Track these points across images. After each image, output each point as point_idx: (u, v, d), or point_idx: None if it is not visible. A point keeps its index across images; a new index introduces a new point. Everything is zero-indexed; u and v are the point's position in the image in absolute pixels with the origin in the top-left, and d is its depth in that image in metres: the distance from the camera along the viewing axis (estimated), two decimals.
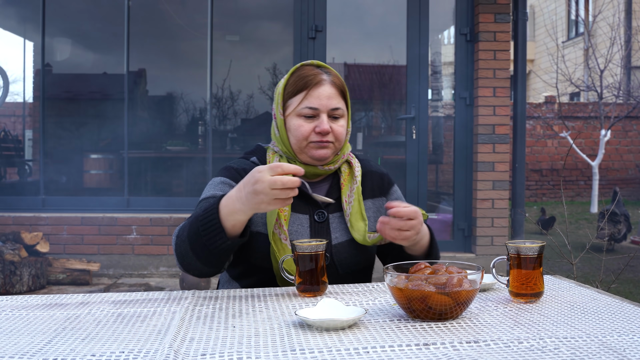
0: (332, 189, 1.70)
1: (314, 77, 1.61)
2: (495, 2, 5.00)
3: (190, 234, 1.41)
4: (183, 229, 1.46)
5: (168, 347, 1.02)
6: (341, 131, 1.63)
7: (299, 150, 1.63)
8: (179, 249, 1.45)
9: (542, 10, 17.54)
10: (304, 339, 1.07)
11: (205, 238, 1.38)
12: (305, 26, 5.13)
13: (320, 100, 1.60)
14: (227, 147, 6.25)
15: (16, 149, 6.77)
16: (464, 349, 1.01)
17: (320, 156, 1.62)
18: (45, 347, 1.04)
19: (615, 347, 1.01)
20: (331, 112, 1.61)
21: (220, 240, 1.38)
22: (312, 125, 1.60)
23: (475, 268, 1.25)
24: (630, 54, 12.48)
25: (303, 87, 1.60)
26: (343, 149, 1.69)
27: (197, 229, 1.39)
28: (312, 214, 1.65)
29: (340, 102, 1.63)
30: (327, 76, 1.63)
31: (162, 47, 6.79)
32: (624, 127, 12.02)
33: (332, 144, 1.62)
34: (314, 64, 1.66)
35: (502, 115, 5.02)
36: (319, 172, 1.67)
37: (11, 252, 4.35)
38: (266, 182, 1.30)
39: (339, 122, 1.63)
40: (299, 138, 1.61)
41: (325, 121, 1.60)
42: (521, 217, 5.13)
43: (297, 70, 1.64)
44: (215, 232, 1.38)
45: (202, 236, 1.38)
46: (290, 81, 1.63)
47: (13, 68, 8.50)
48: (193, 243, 1.40)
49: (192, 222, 1.42)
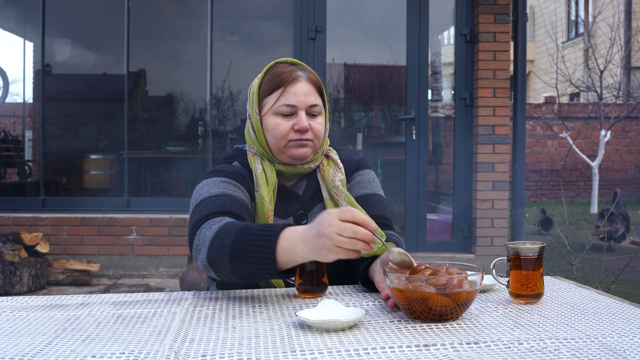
0: (309, 184, 1.66)
1: (289, 73, 1.57)
2: (495, 3, 5.00)
3: (235, 248, 1.28)
4: (227, 234, 1.32)
5: (168, 348, 1.02)
6: (320, 129, 1.59)
7: (278, 151, 1.59)
8: (215, 252, 1.32)
9: (542, 10, 17.54)
10: (304, 340, 1.07)
11: (251, 265, 1.27)
12: (305, 27, 5.13)
13: (297, 97, 1.56)
14: (227, 148, 6.25)
15: (16, 150, 6.77)
16: (464, 350, 1.01)
17: (300, 155, 1.57)
18: (46, 348, 1.04)
19: (615, 348, 1.01)
20: (309, 109, 1.57)
21: (268, 274, 1.29)
22: (291, 123, 1.56)
23: (475, 269, 1.24)
24: (630, 54, 12.49)
25: (279, 84, 1.56)
26: (322, 146, 1.65)
27: (244, 247, 1.27)
28: (295, 216, 1.62)
29: (317, 98, 1.59)
30: (302, 73, 1.59)
31: (162, 48, 6.79)
32: (624, 127, 12.02)
33: (311, 141, 1.58)
34: (288, 62, 1.62)
35: (502, 116, 5.02)
36: (298, 172, 1.63)
37: (11, 252, 4.35)
38: (334, 227, 1.16)
39: (317, 119, 1.59)
40: (278, 137, 1.56)
41: (304, 118, 1.56)
42: (521, 218, 5.13)
43: (271, 68, 1.60)
44: (265, 264, 1.26)
45: (249, 260, 1.27)
46: (265, 79, 1.59)
47: (13, 68, 8.50)
48: (234, 259, 1.29)
49: (242, 236, 1.29)
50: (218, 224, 1.37)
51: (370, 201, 1.66)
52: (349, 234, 1.16)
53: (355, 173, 1.71)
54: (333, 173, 1.65)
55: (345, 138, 6.36)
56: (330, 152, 1.69)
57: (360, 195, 1.67)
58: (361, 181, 1.70)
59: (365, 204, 1.65)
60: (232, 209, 1.46)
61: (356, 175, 1.71)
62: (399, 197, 5.44)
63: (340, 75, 6.40)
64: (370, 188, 1.69)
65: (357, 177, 1.71)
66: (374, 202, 1.67)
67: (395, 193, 5.56)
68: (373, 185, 1.70)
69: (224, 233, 1.32)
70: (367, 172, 1.72)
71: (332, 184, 1.62)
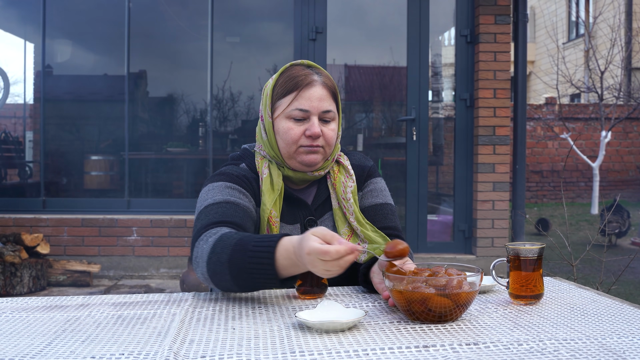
0: (320, 191, 1.65)
1: (304, 77, 1.54)
2: (495, 4, 5.00)
3: (235, 265, 1.29)
4: (223, 248, 1.31)
5: (168, 349, 1.02)
6: (332, 135, 1.56)
7: (288, 156, 1.56)
8: (215, 267, 1.32)
9: (543, 11, 17.54)
10: (303, 341, 1.07)
11: (256, 279, 1.28)
12: (305, 27, 5.13)
13: (311, 101, 1.52)
14: (228, 149, 6.26)
15: (17, 151, 6.77)
16: (464, 351, 1.01)
17: (310, 162, 1.55)
18: (45, 349, 1.04)
19: (614, 349, 1.01)
20: (322, 115, 1.54)
21: (273, 286, 1.30)
22: (302, 129, 1.53)
23: (474, 270, 1.25)
24: (631, 55, 12.48)
25: (293, 87, 1.53)
26: (333, 153, 1.62)
27: (244, 264, 1.27)
28: (303, 222, 1.61)
29: (331, 104, 1.56)
30: (318, 77, 1.56)
31: (163, 49, 6.80)
32: (625, 128, 12.02)
33: (322, 148, 1.55)
34: (305, 64, 1.58)
35: (503, 117, 5.02)
36: (307, 178, 1.61)
37: (12, 253, 4.35)
38: (317, 266, 1.18)
39: (329, 125, 1.56)
40: (289, 142, 1.54)
41: (316, 124, 1.53)
42: (521, 219, 5.13)
43: (286, 70, 1.57)
44: (268, 279, 1.27)
45: (251, 276, 1.28)
46: (279, 81, 1.56)
47: (14, 69, 8.50)
48: (236, 275, 1.29)
49: (238, 252, 1.28)
50: (214, 236, 1.36)
51: (383, 211, 1.67)
52: (331, 265, 1.17)
53: (368, 181, 1.71)
54: (344, 181, 1.63)
55: (345, 139, 6.36)
56: (341, 157, 1.68)
57: (373, 205, 1.67)
58: (374, 190, 1.70)
59: (377, 214, 1.66)
60: (233, 218, 1.45)
61: (369, 183, 1.70)
62: (399, 198, 5.44)
63: (340, 76, 6.40)
64: (382, 197, 1.70)
65: (370, 186, 1.70)
66: (387, 213, 1.67)
67: (396, 194, 5.56)
68: (385, 194, 1.71)
69: (220, 247, 1.32)
70: (379, 181, 1.73)
71: (343, 195, 1.61)
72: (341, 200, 1.61)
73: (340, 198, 1.62)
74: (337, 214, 1.62)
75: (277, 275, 1.26)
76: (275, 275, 1.26)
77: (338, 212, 1.62)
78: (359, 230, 1.59)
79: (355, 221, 1.59)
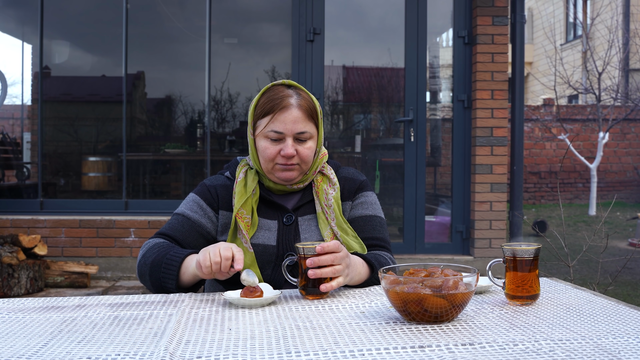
0: (303, 198, 1.74)
1: (281, 100, 1.63)
2: (493, 5, 5.01)
3: (153, 269, 1.56)
4: (150, 256, 1.58)
5: (164, 349, 1.02)
6: (307, 153, 1.66)
7: (267, 171, 1.69)
8: (141, 268, 1.60)
9: (540, 12, 17.57)
10: (299, 341, 1.07)
11: (163, 280, 1.54)
12: (303, 29, 5.13)
13: (285, 124, 1.62)
14: (226, 150, 6.26)
15: (14, 152, 6.76)
16: (460, 351, 1.01)
17: (286, 178, 1.67)
18: (42, 349, 1.04)
19: (610, 350, 1.01)
20: (297, 136, 1.64)
21: (171, 286, 1.54)
22: (278, 148, 1.64)
23: (470, 270, 1.25)
24: (628, 56, 12.51)
25: (270, 110, 1.63)
26: (312, 167, 1.72)
27: (158, 269, 1.54)
28: (281, 219, 1.70)
29: (307, 125, 1.65)
30: (295, 99, 1.64)
31: (161, 50, 6.80)
32: (622, 129, 12.04)
33: (297, 165, 1.66)
34: (285, 84, 1.67)
35: (500, 118, 5.02)
36: (288, 190, 1.72)
37: (9, 254, 4.34)
38: (206, 260, 1.42)
39: (305, 144, 1.66)
40: (266, 159, 1.65)
41: (290, 145, 1.62)
42: (519, 220, 5.13)
43: (267, 91, 1.67)
44: (170, 279, 1.53)
45: (161, 278, 1.55)
46: (260, 102, 1.66)
47: (11, 70, 8.49)
48: (153, 275, 1.56)
49: (157, 258, 1.56)
50: (148, 244, 1.65)
51: (371, 223, 1.76)
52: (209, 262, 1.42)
53: (359, 193, 1.80)
54: (326, 189, 1.73)
55: (343, 140, 6.36)
56: (324, 169, 1.77)
57: (362, 216, 1.76)
58: (365, 202, 1.79)
59: (366, 225, 1.75)
60: (175, 232, 1.68)
61: (360, 195, 1.79)
62: (397, 199, 5.44)
63: (339, 78, 6.40)
64: (372, 210, 1.79)
65: (361, 198, 1.79)
66: (375, 225, 1.76)
67: (394, 195, 5.56)
68: (375, 207, 1.80)
69: (148, 253, 1.60)
70: (370, 194, 1.82)
71: (326, 202, 1.71)
72: (324, 206, 1.71)
73: (322, 204, 1.71)
74: (320, 218, 1.71)
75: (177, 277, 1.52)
76: (176, 276, 1.52)
77: (322, 215, 1.71)
78: (339, 235, 1.68)
79: (337, 226, 1.69)
